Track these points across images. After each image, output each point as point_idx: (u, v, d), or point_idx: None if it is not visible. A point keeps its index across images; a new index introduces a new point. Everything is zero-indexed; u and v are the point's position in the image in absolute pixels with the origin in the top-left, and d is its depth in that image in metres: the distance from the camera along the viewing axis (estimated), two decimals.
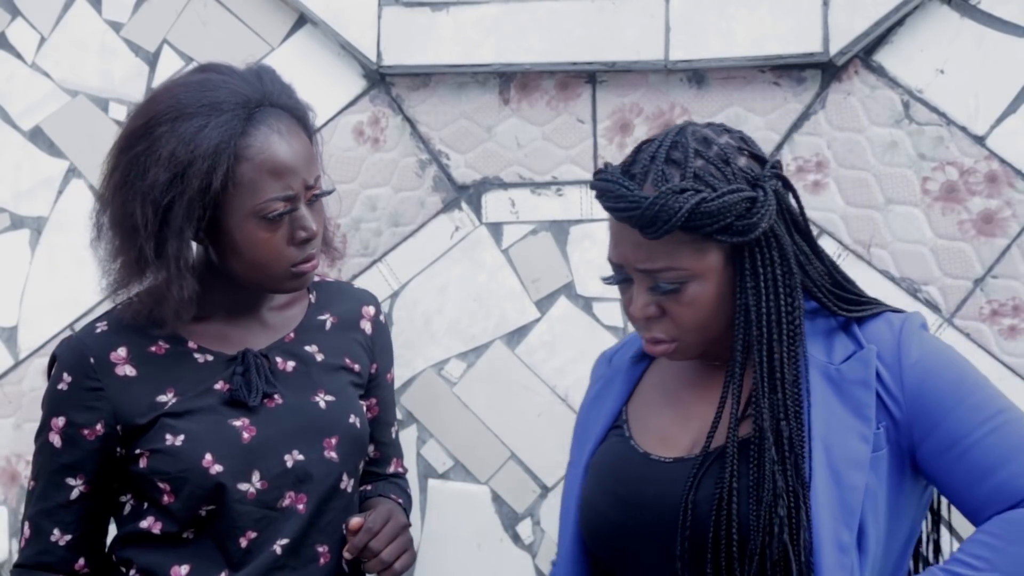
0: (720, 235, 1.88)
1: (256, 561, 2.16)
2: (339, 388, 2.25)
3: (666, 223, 1.87)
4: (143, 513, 2.19)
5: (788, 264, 1.92)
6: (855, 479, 1.87)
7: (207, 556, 2.16)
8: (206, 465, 2.14)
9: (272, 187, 2.13)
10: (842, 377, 1.92)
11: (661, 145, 1.93)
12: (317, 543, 2.20)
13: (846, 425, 1.90)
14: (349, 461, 2.23)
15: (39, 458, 2.23)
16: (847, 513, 1.86)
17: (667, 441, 1.98)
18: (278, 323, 2.27)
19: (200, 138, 2.10)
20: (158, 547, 2.17)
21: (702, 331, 1.94)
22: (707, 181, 1.89)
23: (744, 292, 1.91)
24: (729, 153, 1.93)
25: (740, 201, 1.89)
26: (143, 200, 2.11)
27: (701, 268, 1.91)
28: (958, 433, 1.89)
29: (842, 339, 1.96)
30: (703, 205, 1.87)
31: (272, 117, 2.16)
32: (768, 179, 1.93)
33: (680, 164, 1.90)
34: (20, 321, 2.83)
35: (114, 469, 2.20)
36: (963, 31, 2.47)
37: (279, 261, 2.16)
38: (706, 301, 1.92)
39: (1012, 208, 2.45)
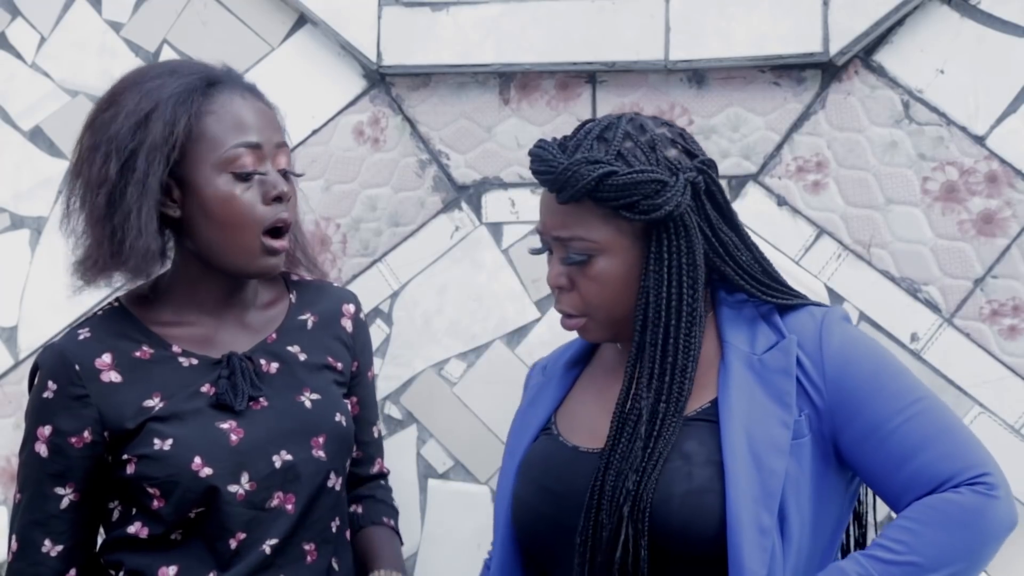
0: (625, 211, 1.96)
1: (245, 561, 2.16)
2: (323, 387, 2.25)
3: (573, 187, 1.96)
4: (131, 518, 2.18)
5: (693, 254, 1.98)
6: (775, 464, 1.92)
7: (196, 557, 2.16)
8: (195, 468, 2.13)
9: (235, 135, 2.15)
10: (764, 366, 1.98)
11: (597, 124, 2.02)
12: (304, 541, 2.20)
13: (767, 412, 1.95)
14: (336, 459, 2.23)
15: (25, 469, 2.21)
16: (768, 496, 1.90)
17: (595, 433, 2.03)
18: (259, 324, 2.26)
19: (162, 90, 2.15)
20: (146, 550, 2.17)
21: (607, 309, 2.01)
22: (627, 160, 1.98)
23: (647, 275, 1.99)
24: (659, 142, 2.01)
25: (650, 181, 1.96)
26: (106, 152, 2.14)
27: (609, 242, 1.99)
28: (877, 421, 1.94)
29: (764, 330, 2.02)
30: (612, 178, 1.96)
31: (235, 87, 2.20)
32: (689, 170, 1.99)
33: (608, 142, 1.99)
34: (20, 321, 2.83)
35: (103, 476, 2.19)
36: (963, 31, 2.47)
37: (250, 223, 2.15)
38: (612, 277, 2.00)
39: (1012, 208, 2.45)
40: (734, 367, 1.98)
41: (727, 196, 2.05)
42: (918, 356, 2.47)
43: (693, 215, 1.99)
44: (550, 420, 2.12)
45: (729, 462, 1.92)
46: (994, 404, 2.44)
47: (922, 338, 2.46)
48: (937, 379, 2.45)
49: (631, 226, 1.99)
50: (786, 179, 2.53)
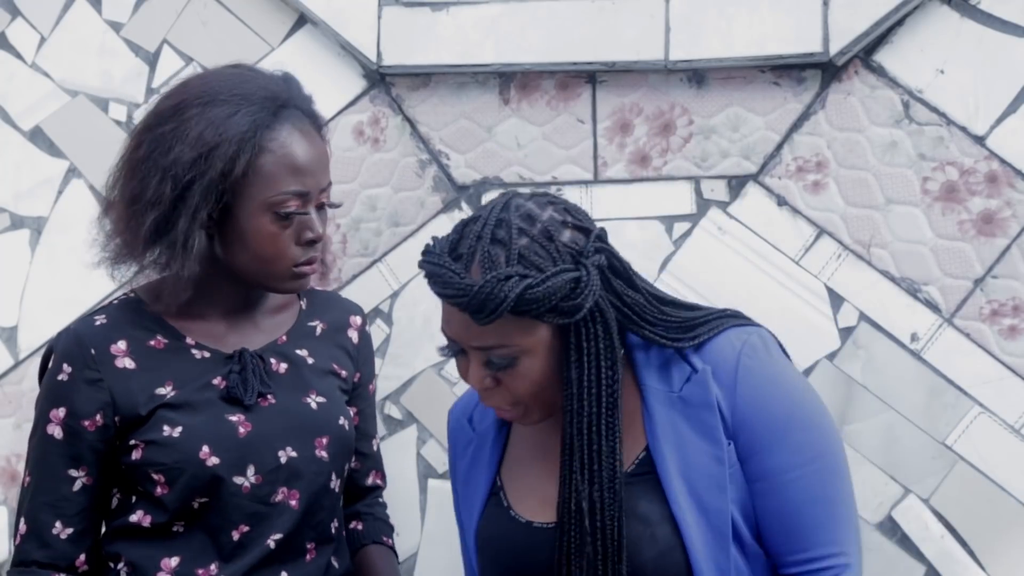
0: (547, 316, 1.93)
1: (249, 554, 2.17)
2: (329, 391, 2.28)
3: (494, 311, 1.91)
4: (131, 507, 2.20)
5: (611, 337, 1.96)
6: (719, 502, 1.94)
7: (198, 548, 2.18)
8: (203, 457, 2.15)
9: (288, 182, 2.17)
10: (685, 403, 1.98)
11: (486, 224, 1.95)
12: (306, 539, 2.22)
13: (699, 450, 1.96)
14: (337, 462, 2.26)
15: (37, 452, 2.23)
16: (719, 537, 1.93)
17: (545, 503, 2.02)
18: (271, 326, 2.29)
19: (229, 123, 2.15)
20: (147, 540, 2.18)
21: (538, 398, 1.99)
22: (532, 261, 1.92)
23: (568, 367, 1.96)
24: (552, 229, 1.95)
25: (565, 283, 1.92)
26: (163, 175, 2.14)
27: (530, 344, 1.95)
28: (773, 468, 1.96)
29: (679, 365, 2.00)
30: (529, 291, 1.91)
31: (296, 117, 2.21)
32: (591, 254, 1.95)
33: (505, 244, 1.93)
34: (20, 321, 2.83)
35: (112, 461, 2.20)
36: (963, 31, 2.47)
37: (283, 258, 2.19)
38: (537, 373, 1.97)
39: (1012, 208, 2.45)
40: (656, 411, 1.99)
41: (621, 258, 2.00)
42: (918, 356, 2.47)
43: (606, 298, 1.96)
44: (495, 484, 2.10)
45: (679, 516, 1.94)
46: (994, 404, 2.44)
47: (922, 338, 2.46)
48: (937, 379, 2.45)
49: (549, 326, 1.95)
50: (786, 179, 2.53)
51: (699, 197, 2.58)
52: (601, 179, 2.62)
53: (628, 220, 2.60)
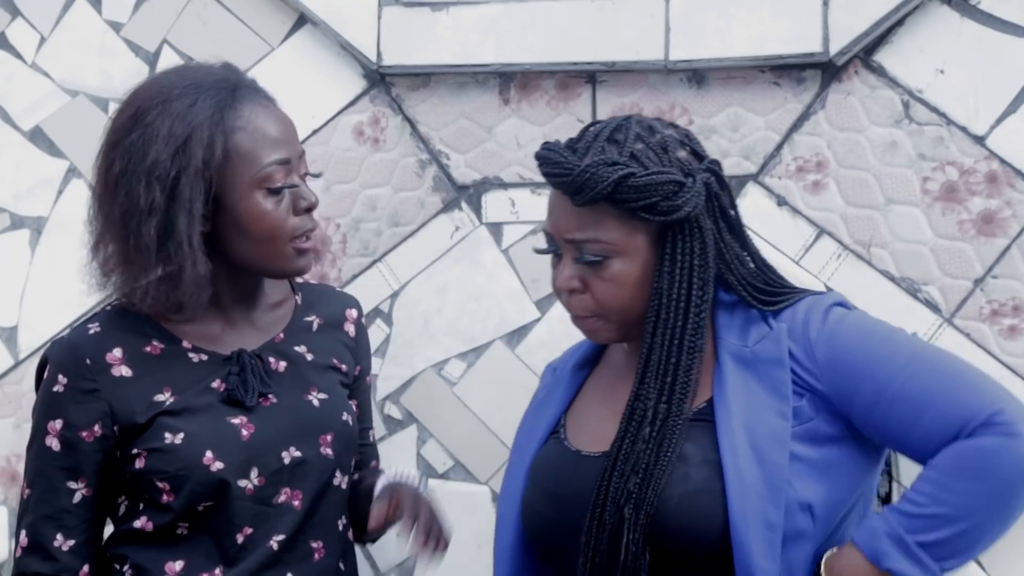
0: (644, 212, 1.96)
1: (252, 556, 2.17)
2: (330, 387, 2.27)
3: (592, 190, 1.95)
4: (137, 513, 2.19)
5: (706, 256, 1.99)
6: (778, 456, 1.92)
7: (202, 552, 2.17)
8: (207, 463, 2.14)
9: (268, 152, 2.17)
10: (756, 358, 1.99)
11: (606, 126, 2.02)
12: (312, 539, 2.21)
13: (764, 404, 1.95)
14: (343, 458, 2.25)
15: (35, 464, 2.21)
16: (773, 490, 1.91)
17: (600, 436, 2.03)
18: (267, 324, 2.28)
19: (193, 112, 2.14)
20: (152, 544, 2.18)
21: (621, 311, 2.01)
22: (641, 161, 1.98)
23: (660, 276, 1.99)
24: (669, 143, 2.01)
25: (667, 183, 1.96)
26: (148, 181, 2.13)
27: (625, 245, 1.98)
28: (878, 388, 1.93)
29: (758, 326, 2.02)
30: (630, 179, 1.95)
31: (252, 93, 2.21)
32: (702, 171, 2.00)
33: (620, 144, 1.99)
34: (20, 321, 2.83)
35: (113, 470, 2.20)
36: (963, 31, 2.47)
37: (283, 234, 2.18)
38: (627, 280, 1.99)
39: (1012, 208, 2.45)
40: (727, 364, 2.00)
41: (732, 197, 2.05)
42: None
43: (707, 217, 2.00)
44: (559, 423, 2.12)
45: (728, 461, 1.92)
46: None
47: (922, 338, 2.46)
48: None
49: (646, 227, 1.98)
50: (786, 179, 2.53)
51: None
52: None
53: None
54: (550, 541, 2.05)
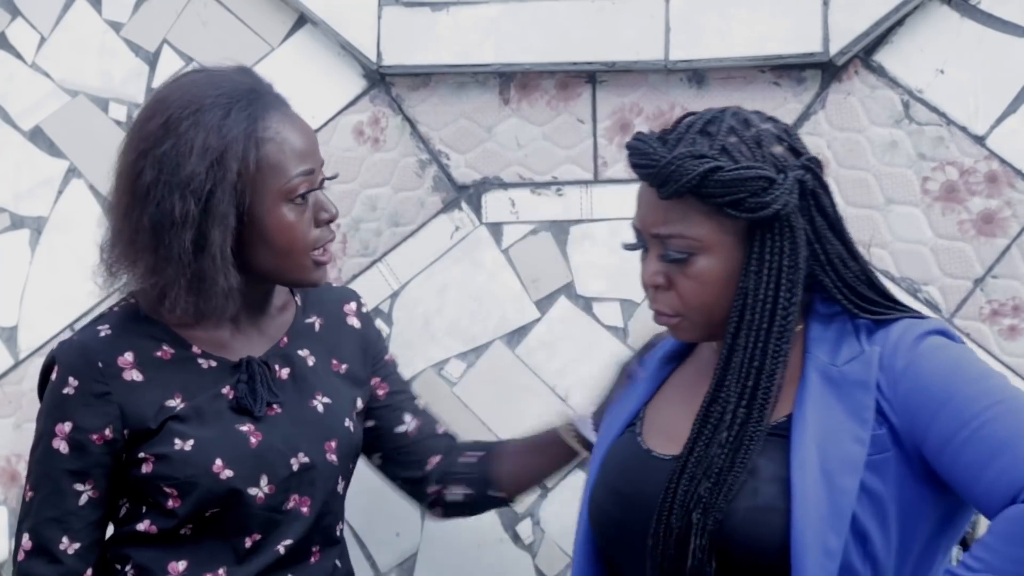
0: (730, 208, 1.88)
1: (257, 560, 2.17)
2: (333, 391, 2.27)
3: (677, 183, 1.87)
4: (140, 516, 2.19)
5: (796, 256, 1.90)
6: (847, 483, 1.84)
7: (206, 553, 2.17)
8: (216, 471, 2.14)
9: (295, 164, 2.17)
10: (843, 378, 1.90)
11: (700, 118, 1.93)
12: (314, 544, 2.22)
13: (842, 427, 1.87)
14: (344, 464, 2.25)
15: (40, 466, 2.20)
16: (837, 517, 1.83)
17: (673, 437, 1.96)
18: (272, 329, 2.27)
19: (227, 124, 2.14)
20: (155, 545, 2.18)
21: (705, 310, 1.93)
22: (732, 155, 1.89)
23: (747, 275, 1.90)
24: (765, 138, 1.92)
25: (756, 178, 1.88)
26: (182, 192, 2.12)
27: (711, 241, 1.90)
28: (951, 429, 1.84)
29: (851, 343, 1.92)
30: (717, 173, 1.87)
31: (275, 102, 2.21)
32: (796, 168, 1.90)
33: (712, 136, 1.90)
34: (20, 321, 2.83)
35: (119, 474, 2.19)
36: (963, 31, 2.47)
37: (305, 245, 2.18)
38: (712, 278, 1.91)
39: (1012, 208, 2.45)
40: (812, 380, 1.90)
41: (831, 197, 1.95)
42: None
43: (799, 216, 1.90)
44: (638, 416, 2.06)
45: (797, 481, 1.85)
46: None
47: None
48: None
49: (734, 224, 1.89)
50: None
51: None
52: (601, 179, 2.62)
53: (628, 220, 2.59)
54: (613, 539, 2.00)
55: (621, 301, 2.60)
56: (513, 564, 2.62)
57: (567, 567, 2.60)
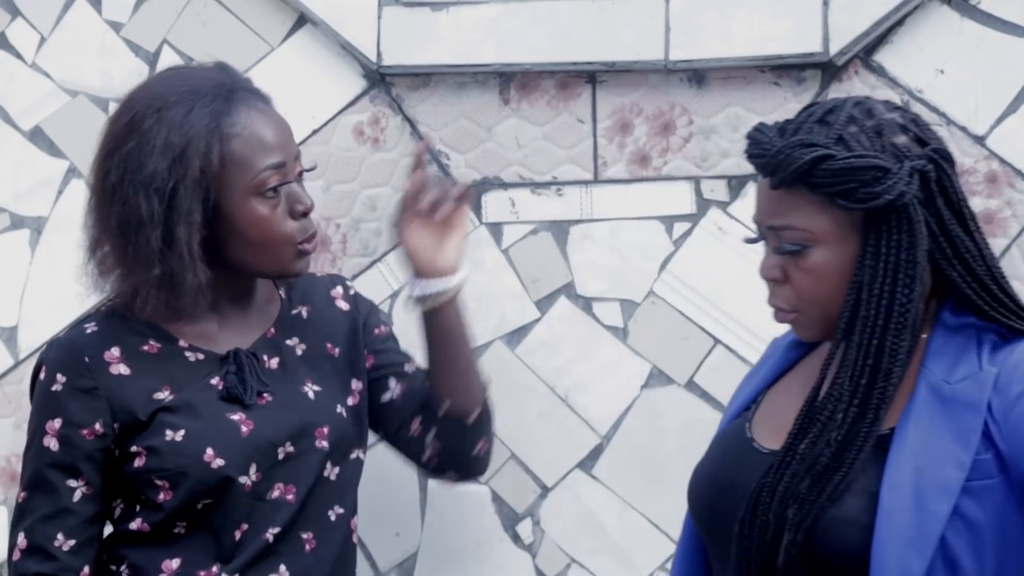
0: (841, 198, 1.81)
1: (248, 550, 2.18)
2: (324, 377, 2.28)
3: (785, 171, 1.82)
4: (133, 515, 2.19)
5: (915, 251, 1.81)
6: (939, 506, 1.77)
7: (199, 549, 2.18)
8: (207, 460, 2.15)
9: (262, 158, 2.17)
10: (954, 397, 1.82)
11: (822, 107, 1.87)
12: (303, 531, 2.22)
13: (945, 450, 1.79)
14: (336, 449, 2.26)
15: (33, 465, 2.21)
16: (923, 540, 1.76)
17: (778, 431, 1.91)
18: (259, 320, 2.29)
19: (190, 121, 2.14)
20: (149, 544, 2.18)
21: (821, 305, 1.87)
22: (848, 144, 1.82)
23: (862, 268, 1.83)
24: (887, 128, 1.85)
25: (869, 168, 1.81)
26: (146, 191, 2.13)
27: (825, 233, 1.84)
28: None
29: (970, 360, 1.85)
30: (827, 162, 1.81)
31: (247, 97, 2.21)
32: (917, 158, 1.83)
33: (830, 125, 1.84)
34: (20, 321, 2.83)
35: (112, 470, 2.20)
36: (963, 31, 2.47)
37: (283, 238, 2.19)
38: (827, 271, 1.85)
39: (1012, 208, 2.45)
40: (921, 396, 1.82)
41: (962, 193, 1.87)
42: None
43: (920, 207, 1.81)
44: (756, 399, 2.01)
45: (885, 498, 1.78)
46: None
47: None
48: None
49: (849, 216, 1.82)
50: None
51: (699, 197, 2.58)
52: (601, 179, 2.62)
53: (628, 220, 2.60)
54: (706, 524, 1.96)
55: (621, 301, 2.60)
56: (513, 564, 2.62)
57: (567, 567, 2.60)
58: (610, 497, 2.59)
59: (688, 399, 2.57)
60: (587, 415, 2.60)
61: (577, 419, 2.61)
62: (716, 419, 2.52)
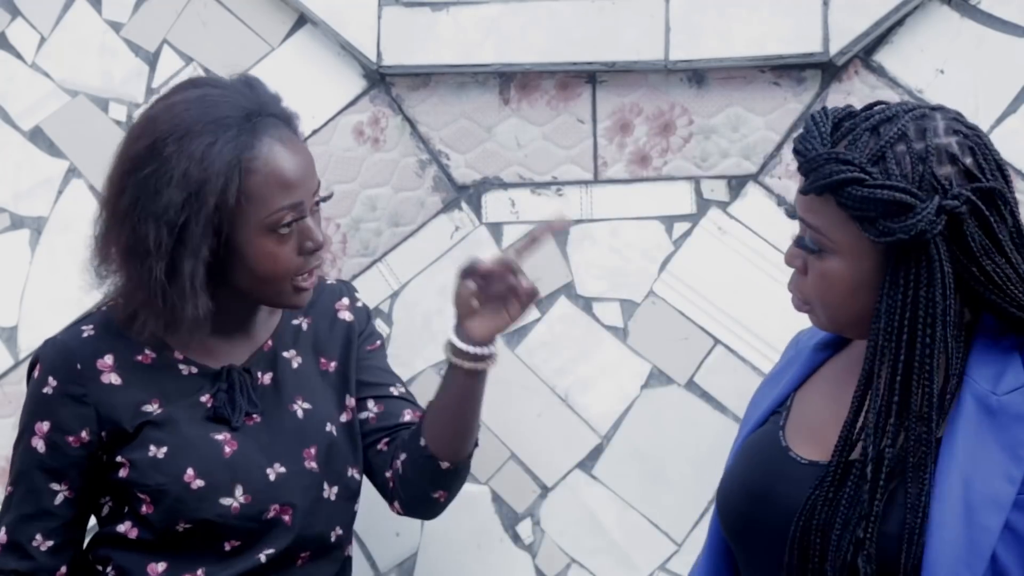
0: (862, 224, 1.79)
1: (238, 564, 2.17)
2: (315, 394, 2.26)
3: (815, 181, 1.81)
4: (121, 517, 2.19)
5: (933, 290, 1.78)
6: (990, 520, 1.75)
7: (184, 555, 2.17)
8: (187, 480, 2.15)
9: (280, 197, 2.14)
10: (1002, 409, 1.80)
11: (883, 112, 1.83)
12: (301, 551, 2.21)
13: (994, 462, 1.78)
14: (329, 469, 2.24)
15: (20, 463, 2.22)
16: (974, 556, 1.75)
17: (814, 440, 1.89)
18: (257, 332, 2.28)
19: (211, 155, 2.10)
20: (135, 547, 2.18)
21: (829, 309, 1.86)
22: (886, 166, 1.78)
23: (881, 298, 1.81)
24: (934, 155, 1.79)
25: (892, 202, 1.77)
26: (157, 222, 2.10)
27: (845, 245, 1.82)
28: None
29: (1016, 371, 1.83)
30: (852, 187, 1.78)
31: (272, 127, 2.16)
32: (953, 197, 1.77)
33: (880, 136, 1.80)
34: (20, 321, 2.83)
35: (97, 474, 2.19)
36: (963, 31, 2.47)
37: (287, 273, 2.16)
38: (838, 281, 1.83)
39: None
40: (967, 406, 1.80)
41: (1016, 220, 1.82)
42: None
43: (942, 245, 1.78)
44: (785, 403, 1.98)
45: (936, 512, 1.76)
46: None
47: None
48: None
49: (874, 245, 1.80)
50: (786, 179, 2.53)
51: (699, 197, 2.58)
52: (601, 179, 2.62)
53: (628, 220, 2.60)
54: (739, 533, 1.93)
55: (621, 301, 2.60)
56: (513, 564, 2.62)
57: (567, 567, 2.60)
58: (610, 497, 2.59)
59: (688, 399, 2.57)
60: (587, 415, 2.60)
61: (577, 419, 2.61)
62: (716, 419, 2.53)
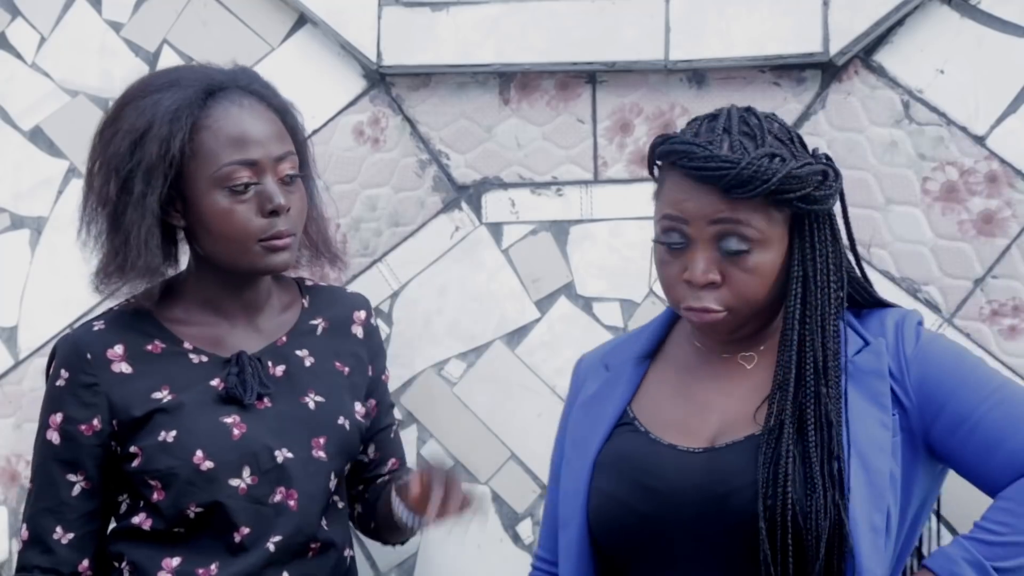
0: (801, 202, 1.97)
1: (250, 556, 2.18)
2: (329, 390, 2.27)
3: (761, 184, 1.94)
4: (136, 510, 2.20)
5: (839, 244, 2.03)
6: (881, 463, 1.95)
7: (199, 548, 2.18)
8: (196, 461, 2.16)
9: (229, 153, 2.17)
10: (857, 369, 2.00)
11: (730, 118, 2.01)
12: (309, 539, 2.23)
13: (867, 414, 1.98)
14: (336, 461, 2.26)
15: (38, 457, 2.25)
16: (877, 496, 1.94)
17: (688, 433, 2.02)
18: (272, 328, 2.29)
19: (158, 107, 2.16)
20: (150, 541, 2.19)
21: (756, 303, 2.00)
22: (781, 154, 1.97)
23: (803, 263, 1.99)
24: (792, 132, 2.05)
25: (816, 172, 1.99)
26: (107, 171, 2.18)
27: (767, 234, 1.98)
28: (963, 412, 1.98)
29: (851, 335, 2.03)
30: (793, 171, 1.95)
31: (235, 95, 2.21)
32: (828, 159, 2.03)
33: (753, 137, 1.98)
34: (20, 321, 2.83)
35: (112, 466, 2.21)
36: (963, 31, 2.47)
37: (245, 233, 2.18)
38: (768, 270, 1.99)
39: (1012, 208, 2.45)
40: None
41: None
42: None
43: None
44: (625, 415, 2.09)
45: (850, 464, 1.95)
46: None
47: None
48: None
49: (782, 217, 1.99)
50: None
51: None
52: (601, 179, 2.62)
53: (628, 220, 2.60)
54: (633, 534, 2.02)
55: (621, 301, 2.60)
56: (513, 564, 2.62)
57: None
58: None
59: None
60: None
61: None
62: None
